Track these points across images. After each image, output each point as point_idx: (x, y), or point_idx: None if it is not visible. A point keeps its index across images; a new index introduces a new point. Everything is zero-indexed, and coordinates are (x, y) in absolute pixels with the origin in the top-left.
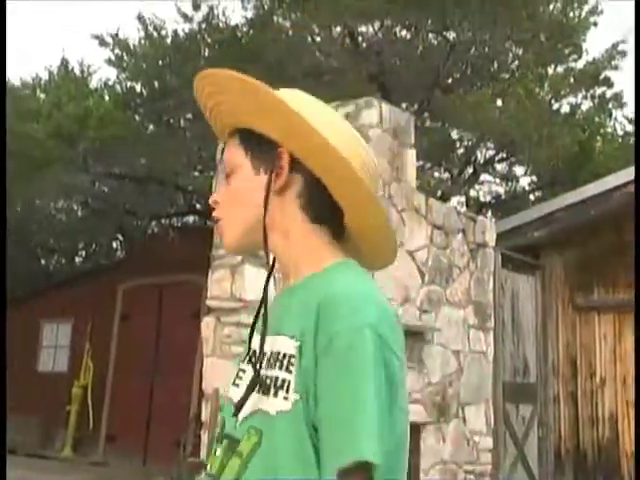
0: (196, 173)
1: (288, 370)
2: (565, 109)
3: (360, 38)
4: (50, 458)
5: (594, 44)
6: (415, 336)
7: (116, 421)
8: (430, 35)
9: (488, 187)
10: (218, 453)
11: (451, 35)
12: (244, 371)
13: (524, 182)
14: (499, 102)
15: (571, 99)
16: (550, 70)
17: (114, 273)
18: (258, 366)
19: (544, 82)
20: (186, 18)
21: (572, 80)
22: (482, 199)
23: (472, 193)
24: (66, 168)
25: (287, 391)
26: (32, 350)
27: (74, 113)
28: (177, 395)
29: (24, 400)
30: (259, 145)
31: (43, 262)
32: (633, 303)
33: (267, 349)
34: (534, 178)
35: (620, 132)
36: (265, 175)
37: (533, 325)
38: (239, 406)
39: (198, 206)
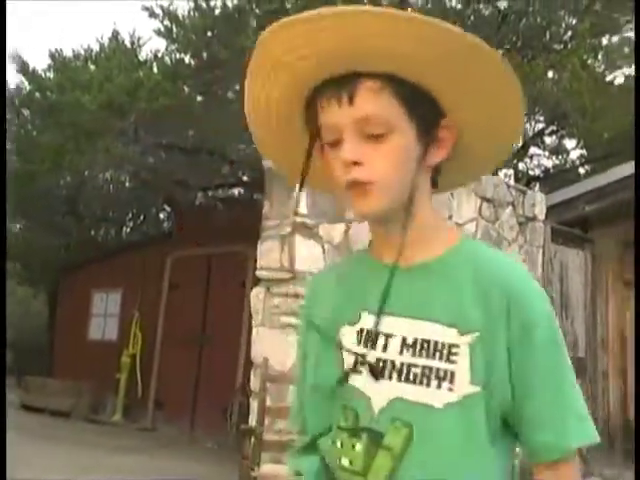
0: (243, 145)
1: (449, 360)
2: (620, 80)
3: (409, 9)
4: (101, 423)
5: None
6: None
7: (164, 388)
8: (481, 4)
9: (537, 160)
10: (358, 448)
11: (502, 4)
12: (364, 355)
13: (574, 155)
14: (551, 74)
15: (626, 70)
16: (605, 40)
17: (162, 243)
18: (403, 353)
19: (598, 53)
20: None
21: (627, 50)
22: (531, 173)
23: (521, 166)
24: (117, 139)
25: (451, 382)
26: (83, 319)
27: (124, 84)
28: (224, 364)
29: (76, 366)
30: (428, 112)
31: (92, 232)
32: None
33: (397, 332)
34: (584, 152)
35: None
36: (421, 145)
37: (582, 299)
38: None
39: (245, 178)
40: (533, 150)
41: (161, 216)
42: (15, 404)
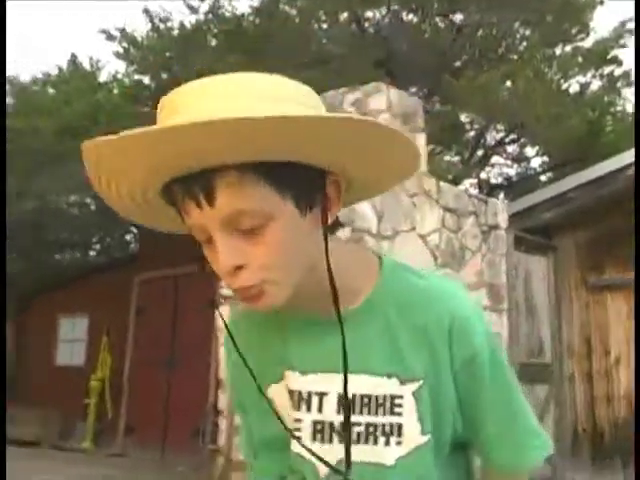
0: None
1: (394, 413)
2: (574, 89)
3: (366, 24)
4: (71, 450)
5: (601, 23)
6: None
7: (134, 413)
8: (437, 18)
9: (499, 169)
10: None
11: (458, 18)
12: (299, 420)
13: (535, 163)
14: (508, 84)
15: (580, 78)
16: (558, 50)
17: (129, 266)
18: (347, 412)
19: (553, 62)
20: (192, 9)
21: (580, 59)
22: (493, 181)
23: (483, 175)
24: (77, 162)
25: (399, 435)
26: (50, 344)
27: (83, 108)
28: (194, 385)
29: (44, 393)
30: (303, 181)
31: (58, 257)
32: None
33: (331, 389)
34: (545, 159)
35: (630, 110)
36: (308, 213)
37: (547, 305)
38: (347, 464)
39: None
40: (495, 159)
41: (127, 238)
42: None
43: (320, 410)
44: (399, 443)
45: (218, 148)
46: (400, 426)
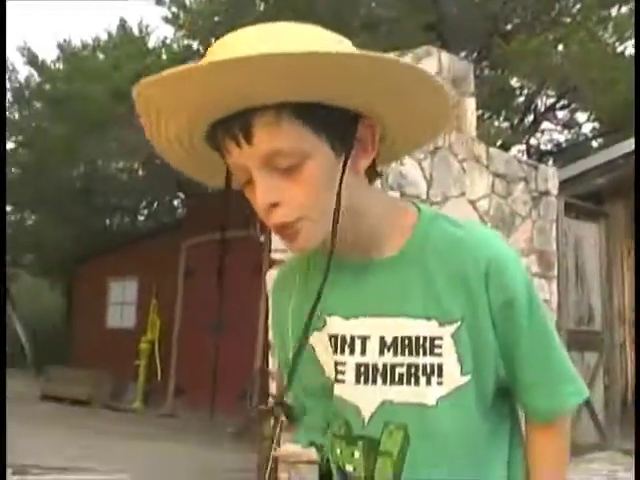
0: None
1: (434, 354)
2: (630, 52)
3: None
4: (121, 410)
5: None
6: None
7: (183, 375)
8: None
9: (549, 135)
10: (357, 456)
11: None
12: (343, 363)
13: (586, 129)
14: (560, 47)
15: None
16: (614, 11)
17: (177, 231)
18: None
19: (608, 24)
20: None
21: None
22: (543, 147)
23: (533, 141)
24: (126, 128)
25: (440, 375)
26: (100, 307)
27: (132, 73)
28: (241, 348)
29: (95, 355)
30: (338, 121)
31: (107, 222)
32: None
33: (373, 333)
34: (596, 125)
35: None
36: (341, 156)
37: (597, 272)
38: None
39: None
40: (545, 125)
41: (175, 203)
42: (36, 394)
43: (363, 353)
44: (440, 383)
45: (260, 85)
46: (440, 366)
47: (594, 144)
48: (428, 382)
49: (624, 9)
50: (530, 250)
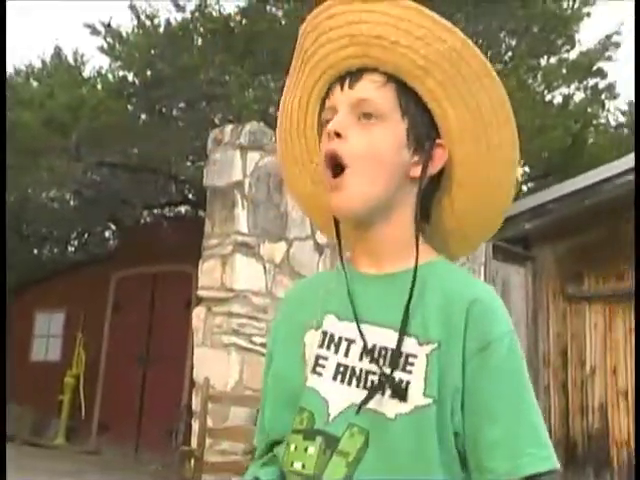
0: (188, 163)
1: (406, 370)
2: (558, 100)
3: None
4: (43, 446)
5: (587, 35)
6: None
7: (108, 410)
8: None
9: None
10: (311, 451)
11: None
12: (325, 358)
13: (517, 174)
14: None
15: (564, 90)
16: (543, 61)
17: (107, 263)
18: (384, 363)
19: (537, 73)
20: (178, 7)
21: (565, 71)
22: None
23: None
24: (59, 157)
25: (405, 392)
26: (25, 340)
27: (67, 102)
28: (169, 384)
29: (17, 389)
30: (422, 122)
31: (36, 251)
32: (623, 293)
33: (359, 338)
34: (527, 169)
35: (613, 123)
36: (410, 149)
37: (524, 316)
38: (361, 405)
39: (190, 196)
40: None
41: (106, 234)
42: None
43: (346, 354)
44: (404, 400)
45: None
46: (408, 383)
47: (524, 188)
48: (393, 396)
49: (553, 59)
50: None
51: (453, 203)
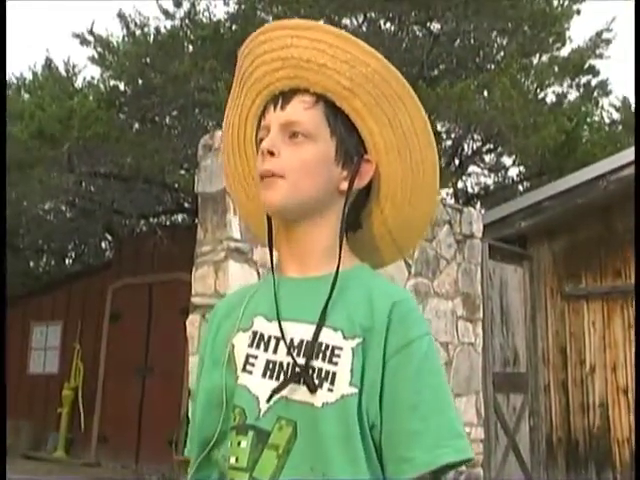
0: (182, 171)
1: (332, 362)
2: (551, 98)
3: (343, 31)
4: (42, 460)
5: (578, 32)
6: None
7: (108, 422)
8: (414, 27)
9: (476, 178)
10: (243, 445)
11: (435, 27)
12: (255, 357)
13: (512, 173)
14: (485, 93)
15: (556, 88)
16: (535, 60)
17: (103, 273)
18: (301, 356)
19: (529, 72)
20: (167, 15)
21: (557, 69)
22: (470, 191)
23: (460, 185)
24: (51, 169)
25: (332, 383)
26: (22, 352)
27: (57, 113)
28: (168, 394)
29: (15, 402)
30: (350, 140)
31: (32, 264)
32: (620, 290)
33: (286, 335)
34: (522, 168)
35: (607, 120)
36: (341, 169)
37: (522, 315)
38: (271, 395)
39: (186, 204)
40: (472, 168)
41: (103, 245)
42: None
43: (275, 351)
44: (330, 390)
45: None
46: (334, 374)
47: (520, 188)
48: (320, 386)
49: (544, 58)
50: (455, 293)
51: (382, 212)
